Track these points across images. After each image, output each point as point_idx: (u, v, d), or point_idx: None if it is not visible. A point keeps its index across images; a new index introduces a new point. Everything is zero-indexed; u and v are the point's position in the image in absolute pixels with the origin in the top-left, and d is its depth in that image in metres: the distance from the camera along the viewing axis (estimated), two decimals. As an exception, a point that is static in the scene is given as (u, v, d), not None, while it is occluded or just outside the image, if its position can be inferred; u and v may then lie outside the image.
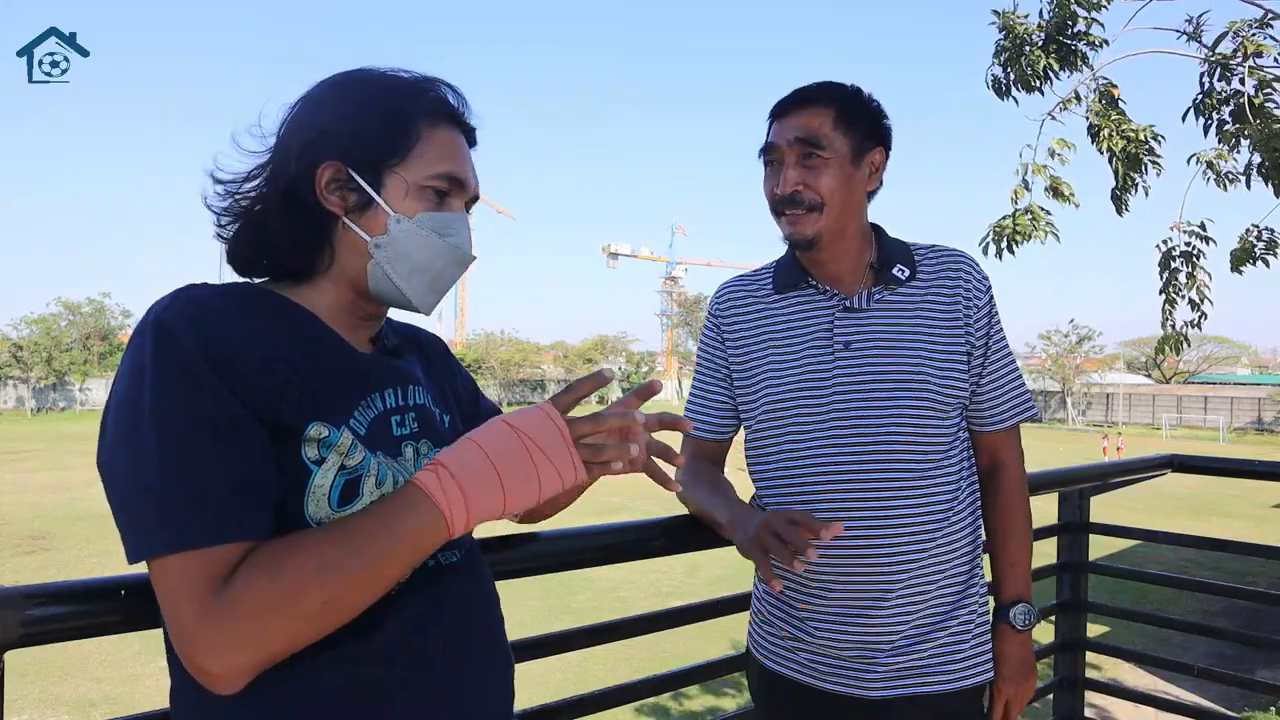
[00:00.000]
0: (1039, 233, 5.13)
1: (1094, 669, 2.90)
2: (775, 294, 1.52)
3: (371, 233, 0.95)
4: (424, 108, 0.97)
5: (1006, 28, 5.14)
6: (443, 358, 1.17)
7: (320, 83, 0.99)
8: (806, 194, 1.40)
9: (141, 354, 0.82)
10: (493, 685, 1.01)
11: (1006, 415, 1.51)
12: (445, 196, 0.98)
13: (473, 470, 0.84)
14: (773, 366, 1.48)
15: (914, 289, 1.46)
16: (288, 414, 0.86)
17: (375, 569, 0.81)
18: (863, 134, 1.43)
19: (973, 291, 1.47)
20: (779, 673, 1.50)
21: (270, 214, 0.95)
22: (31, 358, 47.04)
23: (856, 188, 1.44)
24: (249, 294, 0.94)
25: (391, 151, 0.95)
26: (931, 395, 1.40)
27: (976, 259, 1.53)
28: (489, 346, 63.05)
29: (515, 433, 0.86)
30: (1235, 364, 68.68)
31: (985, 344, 1.48)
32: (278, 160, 0.96)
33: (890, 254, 1.48)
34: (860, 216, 1.48)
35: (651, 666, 7.41)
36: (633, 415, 0.91)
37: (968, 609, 1.45)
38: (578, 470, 0.87)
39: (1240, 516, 16.96)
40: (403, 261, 0.96)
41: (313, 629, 0.80)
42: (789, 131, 1.41)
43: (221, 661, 0.77)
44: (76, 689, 7.82)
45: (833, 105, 1.41)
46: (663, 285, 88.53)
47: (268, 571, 0.78)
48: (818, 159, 1.40)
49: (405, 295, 0.98)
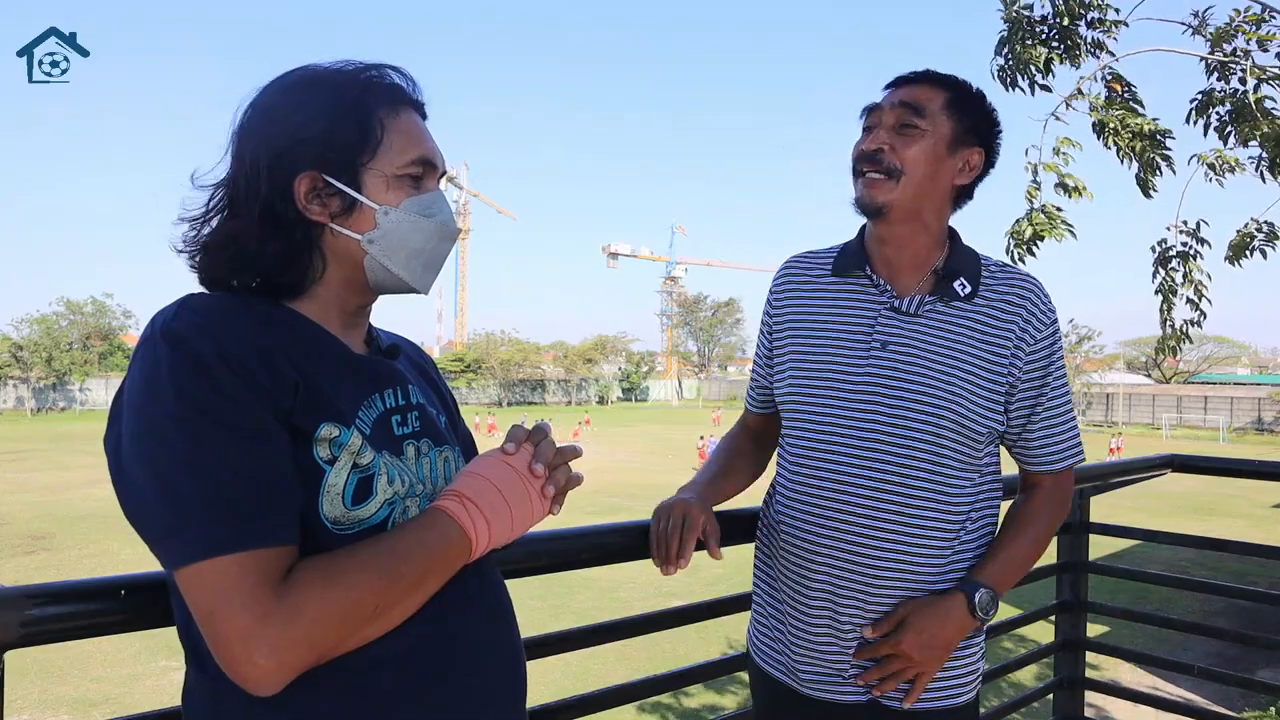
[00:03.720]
0: (1056, 232, 5.09)
1: (1094, 669, 2.90)
2: (832, 275, 1.49)
3: (361, 230, 0.96)
4: (381, 99, 0.98)
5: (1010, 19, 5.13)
6: (422, 368, 1.17)
7: (266, 88, 0.97)
8: (889, 157, 1.36)
9: (157, 365, 0.82)
10: (506, 677, 1.02)
11: (1055, 459, 1.44)
12: (420, 179, 1.00)
13: (489, 499, 0.92)
14: (809, 347, 1.46)
15: (970, 308, 1.39)
16: (300, 416, 0.87)
17: (417, 582, 0.88)
18: (968, 126, 1.39)
19: (1033, 323, 1.38)
20: (773, 675, 1.50)
21: (248, 236, 0.94)
22: (32, 358, 47.02)
23: (943, 174, 1.39)
24: (246, 302, 0.93)
25: (362, 150, 0.95)
26: (954, 418, 1.35)
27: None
28: (489, 346, 63.09)
29: (510, 467, 0.95)
30: (1235, 364, 68.72)
31: (1041, 382, 1.40)
32: (244, 178, 0.94)
33: (958, 263, 1.42)
34: (938, 207, 1.42)
35: (651, 666, 7.43)
36: (560, 448, 1.01)
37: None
38: (548, 503, 0.98)
39: (1240, 516, 16.96)
40: (398, 250, 0.98)
41: (361, 635, 0.85)
42: (896, 96, 1.39)
43: (279, 663, 0.78)
44: (76, 689, 7.81)
45: (948, 89, 1.39)
46: (663, 285, 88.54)
47: (328, 577, 0.82)
48: (915, 129, 1.36)
49: (405, 281, 1.00)
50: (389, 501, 0.92)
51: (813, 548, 1.41)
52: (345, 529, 0.88)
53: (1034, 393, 1.41)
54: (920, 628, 1.34)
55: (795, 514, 1.43)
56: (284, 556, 0.82)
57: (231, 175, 0.96)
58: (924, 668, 1.36)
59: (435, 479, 1.01)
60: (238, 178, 0.95)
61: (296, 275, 0.96)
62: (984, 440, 1.39)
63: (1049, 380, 1.41)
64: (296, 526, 0.84)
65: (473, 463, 0.97)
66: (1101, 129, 5.19)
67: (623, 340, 72.59)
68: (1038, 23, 5.07)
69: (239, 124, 0.96)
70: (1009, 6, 5.14)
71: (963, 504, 1.39)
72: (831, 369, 1.43)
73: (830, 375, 1.42)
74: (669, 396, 74.58)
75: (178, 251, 0.97)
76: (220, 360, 0.83)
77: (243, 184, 0.94)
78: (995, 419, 1.39)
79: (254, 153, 0.94)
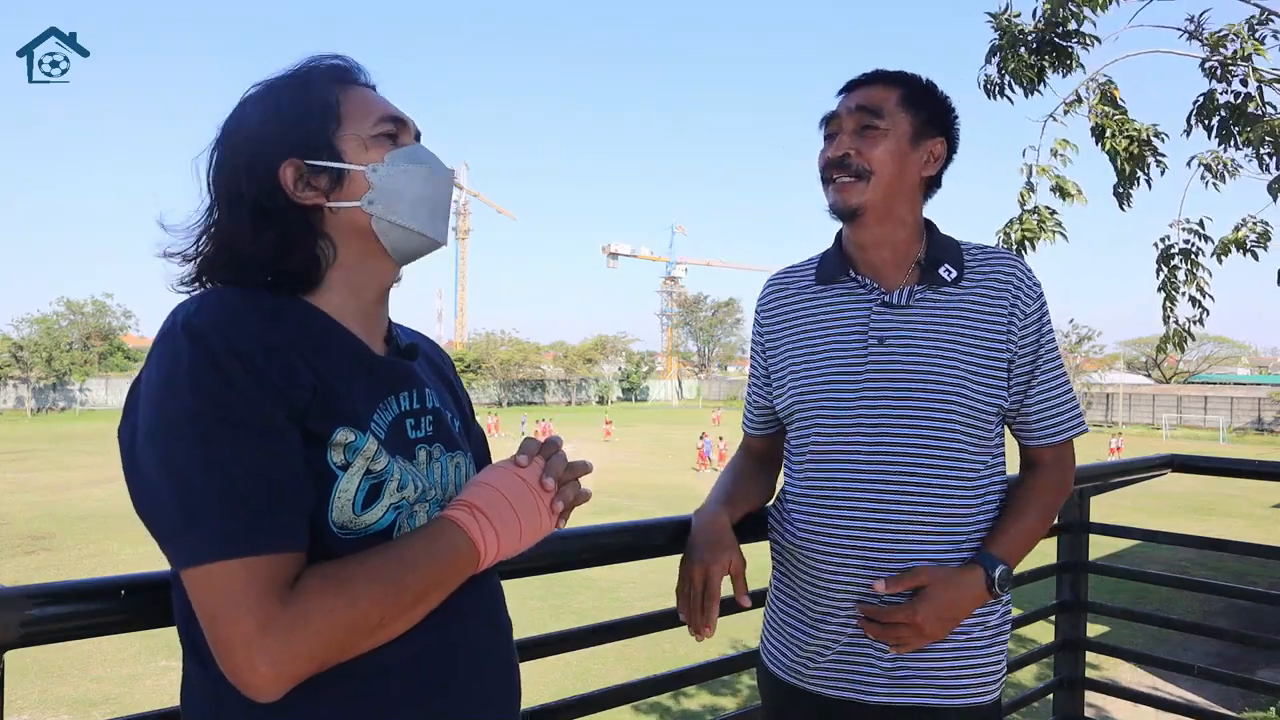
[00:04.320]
0: (1047, 233, 5.13)
1: (1094, 669, 2.90)
2: (817, 285, 1.51)
3: (357, 196, 0.97)
4: (328, 77, 0.99)
5: (1001, 28, 5.15)
6: (439, 367, 1.16)
7: (227, 118, 0.99)
8: (856, 160, 1.39)
9: (177, 359, 0.82)
10: (502, 682, 1.02)
11: (1056, 430, 1.46)
12: (395, 136, 1.01)
13: (499, 510, 0.93)
14: (806, 355, 1.47)
15: (959, 291, 1.42)
16: (315, 419, 0.86)
17: (423, 593, 0.88)
18: (926, 119, 1.42)
19: (1021, 299, 1.41)
20: (784, 680, 1.49)
21: (241, 235, 0.94)
22: (32, 358, 46.99)
23: (910, 169, 1.42)
24: (267, 299, 0.93)
25: (327, 123, 0.96)
26: (963, 401, 1.36)
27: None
28: (489, 346, 63.07)
29: (521, 480, 0.95)
30: (1235, 364, 68.72)
31: (1034, 355, 1.42)
32: (227, 191, 0.95)
33: (939, 252, 1.45)
34: (911, 202, 1.45)
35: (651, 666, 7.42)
36: (570, 463, 1.01)
37: (980, 621, 1.41)
38: (555, 518, 0.98)
39: (1240, 516, 16.96)
40: (399, 202, 0.98)
41: (363, 644, 0.84)
42: (852, 100, 1.42)
43: (279, 672, 0.78)
44: (76, 689, 7.81)
45: (901, 85, 1.42)
46: (663, 285, 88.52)
47: (335, 586, 0.81)
48: (875, 129, 1.39)
49: (417, 231, 1.00)
50: (395, 506, 0.91)
51: (829, 548, 1.40)
52: (351, 534, 0.87)
53: (1029, 364, 1.43)
54: (939, 600, 1.33)
55: (809, 516, 1.43)
56: (292, 563, 0.81)
57: (213, 199, 0.97)
58: (932, 638, 1.36)
59: (446, 484, 1.00)
60: (219, 200, 0.96)
61: (304, 263, 0.96)
62: (993, 419, 1.41)
63: (1041, 351, 1.43)
64: (306, 530, 0.83)
65: (483, 473, 0.97)
66: (1100, 133, 5.20)
67: (623, 340, 72.59)
68: (1028, 32, 5.09)
69: (213, 160, 0.97)
70: (999, 16, 5.16)
71: (979, 488, 1.40)
72: (832, 373, 1.43)
73: (832, 378, 1.43)
74: (669, 396, 74.57)
75: (172, 289, 0.98)
76: (239, 360, 0.82)
77: (226, 201, 0.95)
78: (1000, 395, 1.40)
79: (230, 170, 0.95)
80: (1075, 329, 51.35)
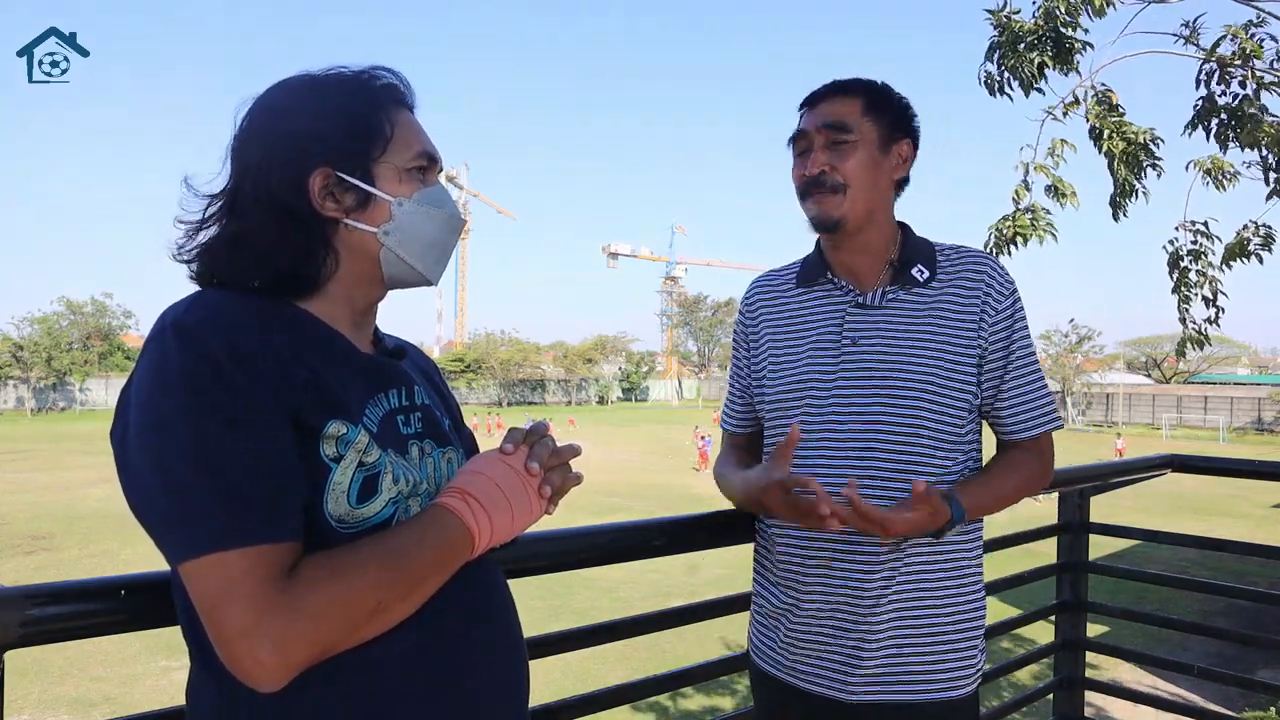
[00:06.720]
0: (1038, 232, 5.13)
1: (1093, 669, 2.90)
2: (798, 288, 1.55)
3: (376, 223, 0.98)
4: (385, 98, 1.00)
5: (1000, 25, 5.14)
6: (426, 372, 1.17)
7: (268, 92, 0.98)
8: (832, 176, 1.42)
9: (166, 359, 0.83)
10: (508, 679, 1.03)
11: (1029, 424, 1.47)
12: (425, 172, 1.02)
13: (491, 496, 0.93)
14: (785, 357, 1.51)
15: (930, 290, 1.45)
16: (308, 413, 0.87)
17: (420, 578, 0.89)
18: (890, 124, 1.45)
19: (992, 296, 1.44)
20: (772, 674, 1.51)
21: (262, 234, 0.94)
22: (32, 358, 47.01)
23: (883, 176, 1.45)
24: (257, 301, 0.93)
25: (374, 145, 0.97)
26: (933, 399, 1.39)
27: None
28: (489, 346, 63.08)
29: (509, 467, 0.96)
30: (1235, 364, 68.69)
31: (1005, 351, 1.44)
32: (250, 179, 0.94)
33: (912, 253, 1.48)
34: (886, 207, 1.48)
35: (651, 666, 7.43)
36: (558, 448, 1.01)
37: (955, 617, 1.43)
38: (544, 503, 0.99)
39: (1240, 516, 16.96)
40: (414, 241, 1.00)
41: (362, 632, 0.85)
42: (818, 118, 1.44)
43: (281, 659, 0.78)
44: (76, 689, 7.81)
45: (861, 94, 1.45)
46: (663, 285, 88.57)
47: (331, 573, 0.82)
48: (845, 143, 1.42)
49: (419, 272, 1.02)
50: (394, 500, 0.92)
51: (807, 545, 1.43)
52: (350, 527, 0.88)
53: (1001, 361, 1.45)
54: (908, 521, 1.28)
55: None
56: (288, 553, 0.82)
57: (235, 177, 0.96)
58: (893, 533, 1.30)
59: (439, 479, 1.01)
60: (242, 180, 0.95)
61: (310, 271, 0.97)
62: (964, 415, 1.43)
63: (1013, 348, 1.45)
64: (301, 523, 0.84)
65: (472, 461, 0.98)
66: (1098, 135, 5.20)
67: (623, 340, 72.64)
68: (1029, 30, 5.08)
69: (241, 128, 0.97)
70: (997, 13, 5.16)
71: (953, 472, 1.42)
72: (807, 373, 1.46)
73: (807, 379, 1.46)
74: (669, 396, 74.60)
75: (173, 257, 0.97)
76: (229, 356, 0.83)
77: (249, 185, 0.94)
78: (970, 391, 1.43)
79: (262, 153, 0.94)
80: (1075, 329, 51.41)
